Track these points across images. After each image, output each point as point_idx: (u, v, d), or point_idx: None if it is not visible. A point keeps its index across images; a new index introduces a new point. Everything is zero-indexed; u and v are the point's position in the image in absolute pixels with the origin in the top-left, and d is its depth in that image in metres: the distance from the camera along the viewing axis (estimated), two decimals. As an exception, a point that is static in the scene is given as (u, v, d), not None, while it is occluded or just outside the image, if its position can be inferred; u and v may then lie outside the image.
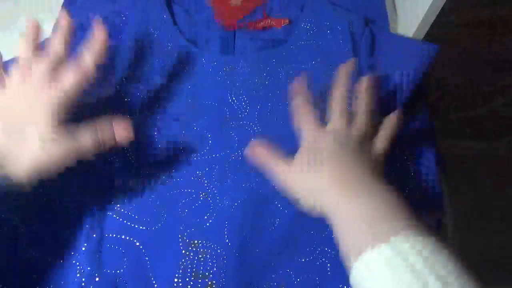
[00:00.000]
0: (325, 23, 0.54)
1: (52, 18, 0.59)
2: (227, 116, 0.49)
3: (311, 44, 0.53)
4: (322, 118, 0.43)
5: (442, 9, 0.50)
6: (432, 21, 0.52)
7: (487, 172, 1.45)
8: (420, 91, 0.51)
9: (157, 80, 0.50)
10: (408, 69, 0.50)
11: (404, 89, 0.50)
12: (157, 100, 0.50)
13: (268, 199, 0.44)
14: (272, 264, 0.42)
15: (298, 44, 0.53)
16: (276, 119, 0.49)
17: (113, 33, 0.52)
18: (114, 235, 0.42)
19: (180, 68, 0.52)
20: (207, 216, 0.43)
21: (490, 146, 1.48)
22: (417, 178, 0.47)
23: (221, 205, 0.44)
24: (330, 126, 0.39)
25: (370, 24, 0.53)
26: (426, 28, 0.53)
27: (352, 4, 0.59)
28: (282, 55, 0.52)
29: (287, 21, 0.55)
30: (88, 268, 0.40)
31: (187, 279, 0.41)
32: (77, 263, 0.42)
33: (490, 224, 1.34)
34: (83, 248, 0.41)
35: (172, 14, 0.54)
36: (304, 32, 0.54)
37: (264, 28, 0.55)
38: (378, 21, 0.59)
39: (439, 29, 0.88)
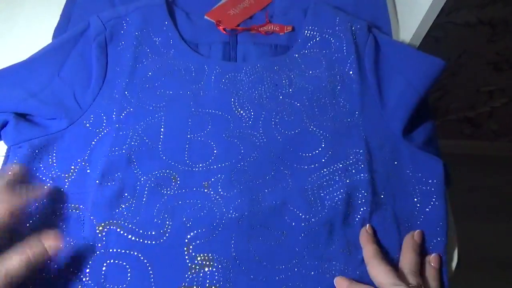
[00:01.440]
0: (328, 31, 0.51)
1: (54, 14, 0.59)
2: (231, 125, 0.47)
3: (314, 53, 0.51)
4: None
5: (442, 9, 0.50)
6: (432, 21, 0.52)
7: (487, 172, 1.45)
8: (426, 103, 0.50)
9: (159, 87, 0.49)
10: (415, 83, 0.47)
11: (411, 102, 0.47)
12: (159, 108, 0.47)
13: (276, 211, 0.42)
14: (281, 277, 0.40)
15: (302, 52, 0.51)
16: (280, 128, 0.48)
17: (114, 38, 0.50)
18: (119, 250, 0.40)
19: (182, 76, 0.49)
20: (213, 227, 0.41)
21: (490, 146, 1.48)
22: (423, 198, 0.46)
23: (228, 216, 0.42)
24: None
25: (373, 30, 0.53)
26: (426, 28, 0.53)
27: (355, 5, 0.59)
28: (285, 63, 0.50)
29: (290, 28, 0.52)
30: (92, 285, 0.39)
31: None
32: (81, 279, 0.39)
33: (490, 221, 1.34)
34: (88, 265, 0.39)
35: (174, 19, 0.52)
36: (307, 40, 0.51)
37: (266, 33, 0.55)
38: (380, 22, 0.58)
39: (439, 29, 0.88)
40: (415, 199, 0.44)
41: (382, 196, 0.43)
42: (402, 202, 0.44)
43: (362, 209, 0.42)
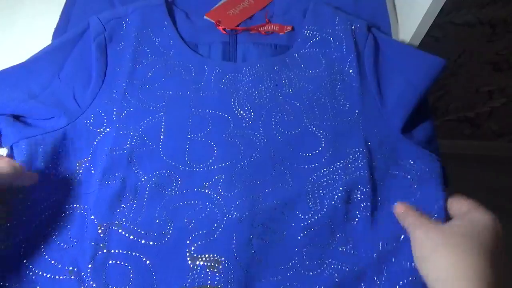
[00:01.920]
0: (328, 30, 0.51)
1: (53, 12, 0.55)
2: (232, 125, 0.47)
3: (314, 52, 0.51)
4: None
5: (442, 9, 0.50)
6: (432, 21, 0.52)
7: (487, 172, 1.45)
8: (426, 102, 0.51)
9: (159, 88, 0.48)
10: (415, 82, 0.47)
11: (410, 101, 0.47)
12: (159, 108, 0.47)
13: (276, 211, 0.42)
14: (280, 277, 0.40)
15: (302, 52, 0.51)
16: (280, 128, 0.48)
17: (114, 39, 0.50)
18: (121, 251, 0.40)
19: (182, 76, 0.49)
20: (214, 228, 0.41)
21: (490, 146, 1.48)
22: (422, 194, 0.46)
23: (229, 217, 0.42)
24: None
25: (372, 29, 0.52)
26: (426, 28, 0.53)
27: (354, 5, 0.59)
28: (285, 62, 0.50)
29: (289, 28, 0.53)
30: (94, 285, 0.39)
31: None
32: (84, 279, 0.39)
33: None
34: (89, 266, 0.39)
35: (173, 19, 0.52)
36: (307, 40, 0.52)
37: (266, 33, 0.53)
38: (379, 22, 0.58)
39: (439, 29, 0.88)
40: (415, 195, 0.44)
41: (382, 192, 0.44)
42: (402, 198, 0.43)
43: (362, 204, 0.42)
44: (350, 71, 0.49)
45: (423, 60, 0.48)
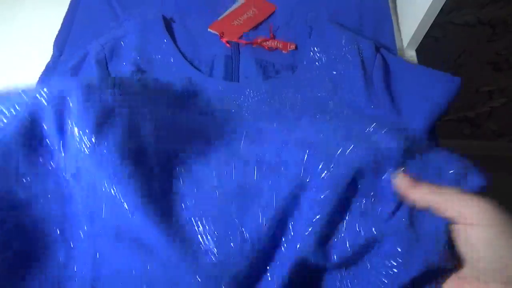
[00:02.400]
0: (334, 51, 0.50)
1: (54, 10, 0.55)
2: (232, 148, 0.44)
3: (320, 74, 0.49)
4: None
5: (442, 9, 0.50)
6: (432, 21, 0.52)
7: (487, 172, 1.45)
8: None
9: (160, 107, 0.47)
10: (437, 100, 0.45)
11: (433, 119, 0.45)
12: (160, 129, 0.47)
13: (271, 230, 0.39)
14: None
15: (307, 74, 0.49)
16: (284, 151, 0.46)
17: (114, 58, 0.49)
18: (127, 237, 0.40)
19: (184, 96, 0.46)
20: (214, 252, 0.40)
21: (489, 146, 1.48)
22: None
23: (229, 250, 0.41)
24: None
25: (381, 50, 0.50)
26: (426, 28, 0.53)
27: (358, 5, 0.57)
28: (290, 84, 0.48)
29: (293, 46, 0.52)
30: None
31: None
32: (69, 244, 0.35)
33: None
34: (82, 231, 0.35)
35: (172, 36, 0.51)
36: (312, 62, 0.50)
37: (269, 49, 0.52)
38: (382, 23, 0.57)
39: (439, 29, 0.88)
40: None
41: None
42: None
43: None
44: (358, 93, 0.47)
45: (441, 78, 0.47)
